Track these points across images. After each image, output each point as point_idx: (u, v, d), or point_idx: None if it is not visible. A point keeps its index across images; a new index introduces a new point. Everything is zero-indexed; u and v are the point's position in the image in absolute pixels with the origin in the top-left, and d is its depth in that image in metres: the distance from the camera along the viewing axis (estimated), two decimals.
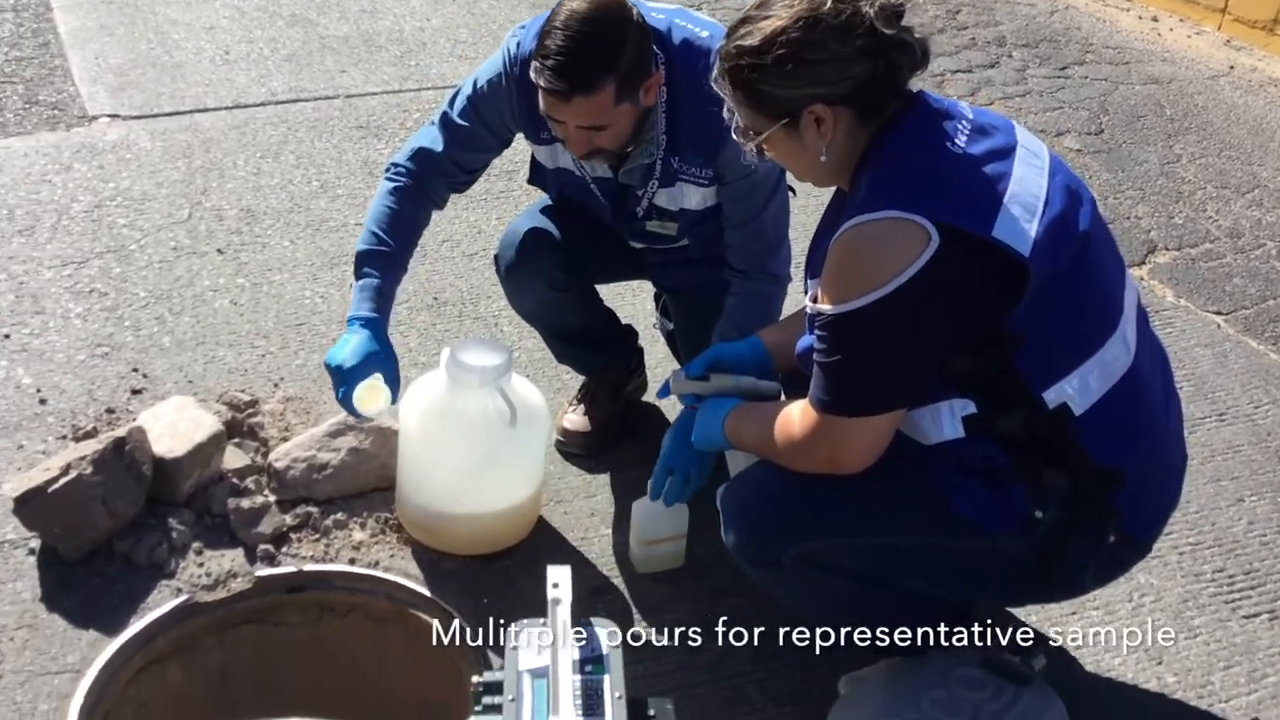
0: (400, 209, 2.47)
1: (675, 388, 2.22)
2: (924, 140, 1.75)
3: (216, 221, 3.68)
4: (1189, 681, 2.29)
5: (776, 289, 2.47)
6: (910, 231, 1.66)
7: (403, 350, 3.13)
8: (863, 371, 1.76)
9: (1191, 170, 4.42)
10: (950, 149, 1.74)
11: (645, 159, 2.35)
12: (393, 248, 2.45)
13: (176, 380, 2.96)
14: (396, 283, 2.47)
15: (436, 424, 2.36)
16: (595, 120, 2.18)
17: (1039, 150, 1.84)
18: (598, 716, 1.66)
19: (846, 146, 1.80)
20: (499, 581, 2.44)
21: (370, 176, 4.02)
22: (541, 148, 2.48)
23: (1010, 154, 1.78)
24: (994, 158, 1.75)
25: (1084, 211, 1.81)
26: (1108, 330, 1.81)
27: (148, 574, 2.40)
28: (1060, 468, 1.79)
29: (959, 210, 1.68)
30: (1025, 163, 1.78)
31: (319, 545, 2.50)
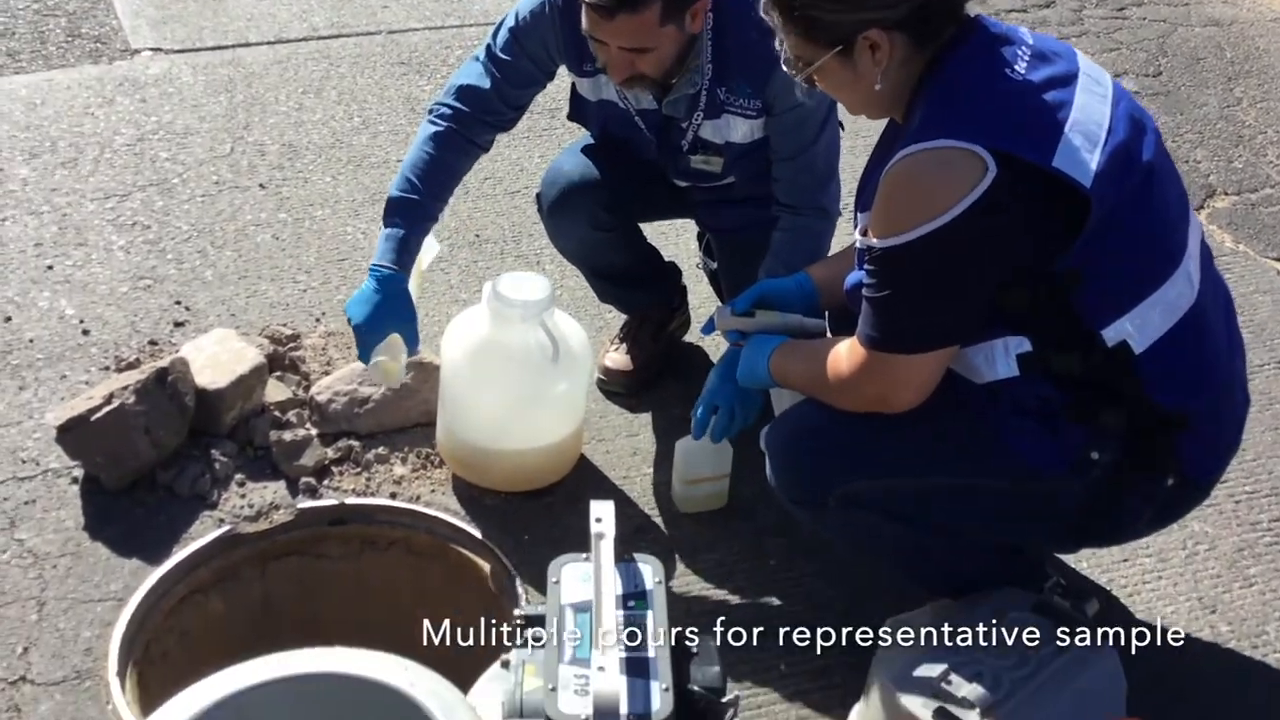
0: (438, 156, 2.39)
1: (720, 324, 2.18)
2: (981, 66, 1.69)
3: (258, 156, 3.66)
4: (1243, 631, 2.24)
5: (826, 225, 2.41)
6: (966, 161, 1.60)
7: (443, 287, 3.12)
8: (914, 307, 1.71)
9: (1252, 114, 4.29)
10: (1009, 75, 1.67)
11: (690, 89, 2.29)
12: (423, 196, 2.36)
13: (219, 313, 2.95)
14: (424, 234, 2.39)
15: (479, 359, 2.33)
16: (639, 41, 2.12)
17: (1101, 77, 1.77)
18: (640, 651, 1.64)
19: (901, 75, 1.73)
20: (541, 518, 2.42)
21: (412, 113, 3.97)
22: (584, 80, 2.43)
23: (1072, 81, 1.71)
24: (1055, 85, 1.69)
25: (1148, 141, 1.74)
26: (1170, 266, 1.74)
27: (190, 505, 2.40)
28: (1118, 408, 1.74)
29: (1018, 139, 1.61)
30: (1087, 90, 1.71)
31: (360, 479, 2.49)
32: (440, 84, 4.17)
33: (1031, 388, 1.76)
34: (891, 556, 2.01)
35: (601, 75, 2.35)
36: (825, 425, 1.87)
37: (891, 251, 1.67)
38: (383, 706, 1.60)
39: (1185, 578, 2.35)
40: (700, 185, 2.53)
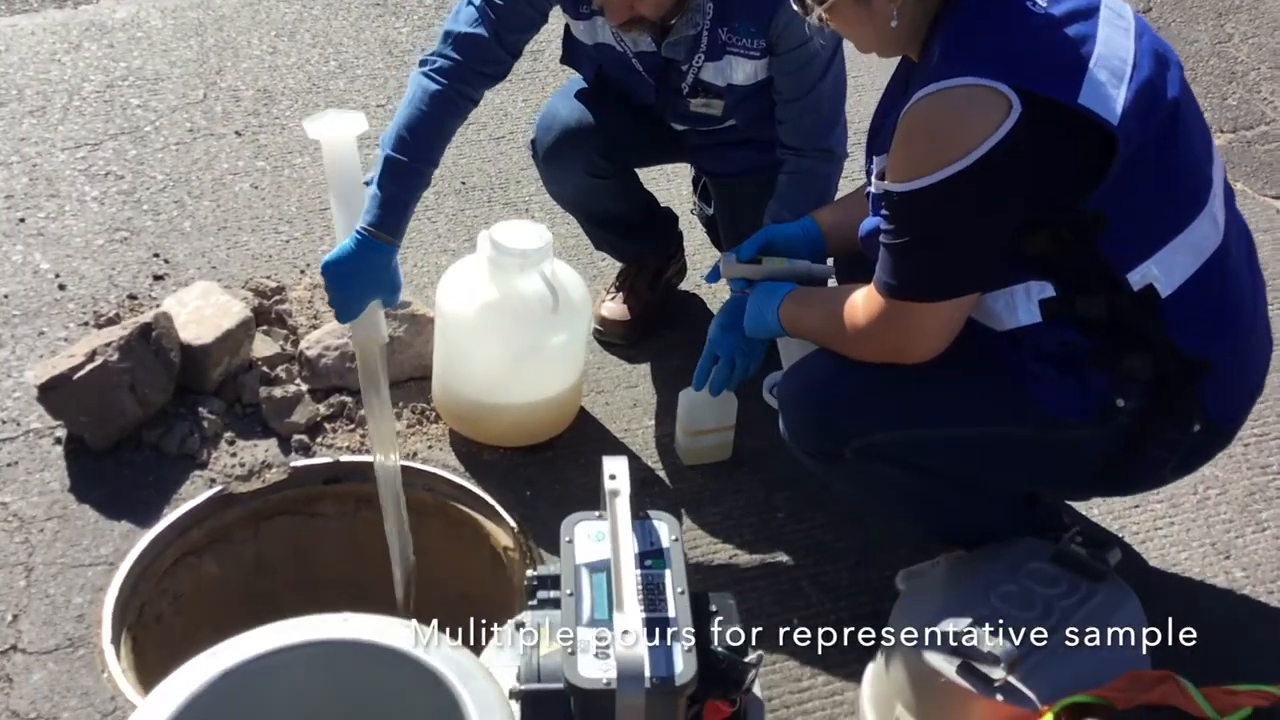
0: (433, 114, 2.22)
1: (725, 271, 2.11)
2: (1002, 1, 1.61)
3: (233, 102, 3.54)
4: (1258, 577, 2.22)
5: (832, 167, 2.34)
6: (989, 99, 1.53)
7: (431, 236, 3.03)
8: (934, 253, 1.65)
9: (1244, 50, 4.23)
10: (1031, 8, 1.60)
11: (690, 30, 2.20)
12: (414, 159, 2.20)
13: (199, 266, 2.86)
14: (416, 198, 2.22)
15: (476, 310, 2.26)
16: None
17: (1123, 10, 1.70)
18: (660, 611, 1.59)
19: (917, 10, 1.66)
20: (542, 473, 2.36)
21: (390, 56, 3.86)
22: (580, 22, 2.33)
23: (1094, 14, 1.64)
24: (1077, 18, 1.62)
25: (1172, 77, 1.68)
26: (1197, 207, 1.69)
27: (179, 464, 2.33)
28: (1144, 354, 1.69)
29: (1042, 76, 1.55)
30: (1110, 24, 1.64)
31: (354, 436, 2.42)
32: (417, 25, 4.06)
33: (1055, 333, 1.70)
34: (908, 508, 1.97)
35: (598, 18, 2.26)
36: (842, 376, 1.81)
37: (912, 195, 1.60)
38: (396, 672, 1.54)
39: (1197, 523, 2.32)
40: (699, 129, 2.45)
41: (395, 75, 3.75)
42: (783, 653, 2.04)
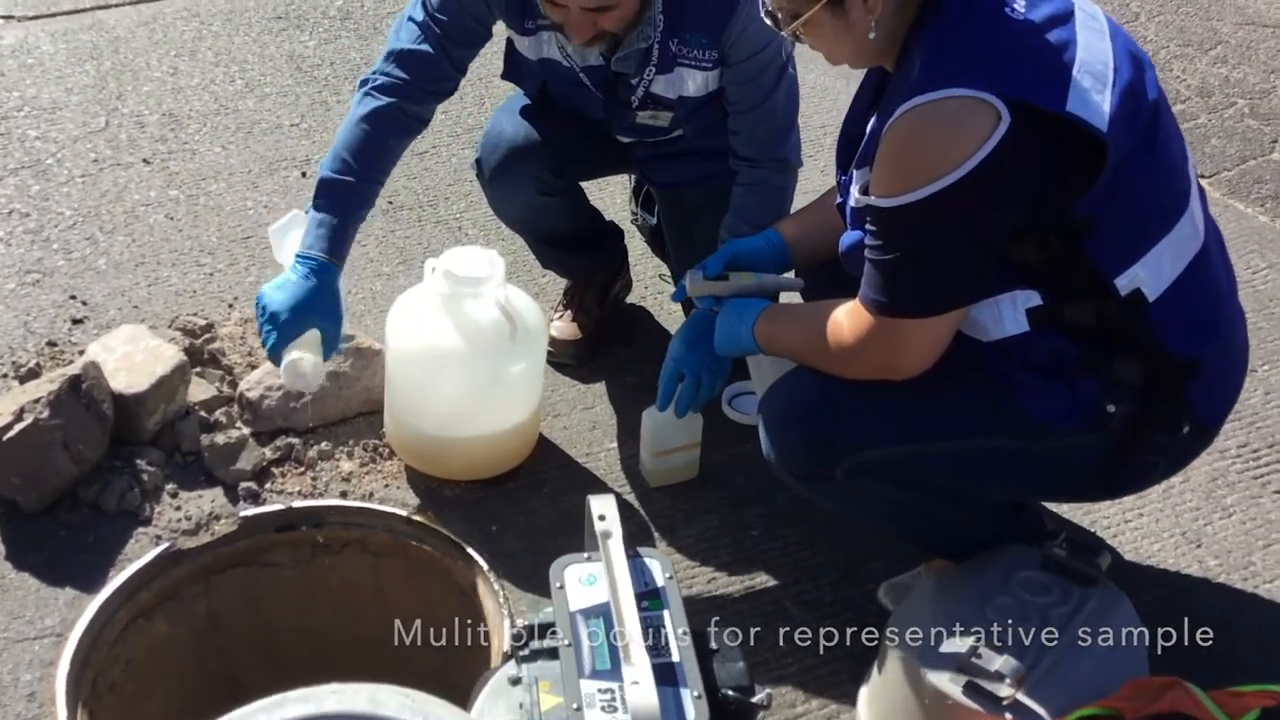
0: (376, 134, 2.14)
1: (692, 289, 2.05)
2: (983, 7, 1.57)
3: (138, 129, 3.39)
4: (1230, 564, 2.23)
5: (788, 178, 2.29)
6: (978, 110, 1.50)
7: (362, 261, 2.93)
8: (925, 268, 1.61)
9: (1152, 29, 4.29)
10: (1011, 16, 1.57)
11: (641, 43, 2.13)
12: (359, 179, 2.12)
13: (120, 306, 2.72)
14: (358, 220, 2.15)
15: (430, 344, 2.17)
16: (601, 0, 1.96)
17: (1095, 12, 1.68)
18: (664, 657, 1.53)
19: (894, 20, 1.61)
20: (506, 506, 2.28)
21: (298, 72, 3.73)
22: (525, 38, 2.25)
23: (1070, 18, 1.61)
24: (1056, 23, 1.59)
25: (1149, 79, 1.66)
26: (1179, 210, 1.67)
27: (120, 522, 2.21)
28: (1133, 359, 1.67)
29: (1030, 84, 1.51)
30: (1087, 27, 1.62)
31: (305, 479, 2.31)
32: (324, 38, 3.94)
33: (1043, 342, 1.68)
34: (899, 524, 1.93)
35: (544, 33, 2.19)
36: (829, 395, 1.76)
37: (901, 211, 1.56)
38: None
39: (1165, 513, 2.32)
40: (645, 140, 2.39)
41: (305, 91, 3.63)
42: (773, 677, 1.99)
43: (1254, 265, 3.08)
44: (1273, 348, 2.78)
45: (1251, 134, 3.68)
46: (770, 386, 1.86)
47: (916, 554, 2.12)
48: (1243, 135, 3.67)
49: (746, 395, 2.51)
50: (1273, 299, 2.96)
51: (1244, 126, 3.72)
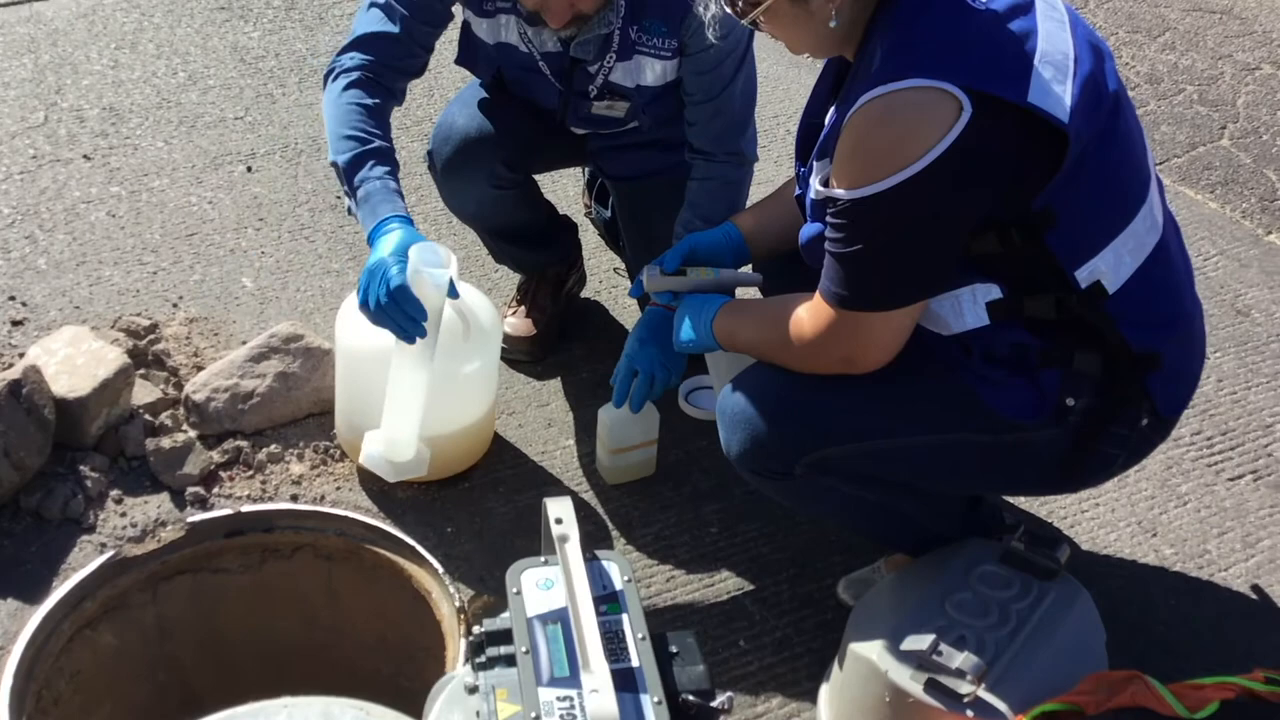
0: (368, 100, 2.07)
1: (649, 285, 2.03)
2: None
3: (78, 124, 3.31)
4: (1186, 552, 2.23)
5: (743, 172, 2.27)
6: (940, 101, 1.48)
7: (311, 258, 2.88)
8: (887, 261, 1.59)
9: (1100, 16, 4.31)
10: (972, 6, 1.55)
11: (602, 29, 2.10)
12: (381, 138, 2.05)
13: (61, 307, 2.65)
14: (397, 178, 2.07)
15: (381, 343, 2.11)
16: None
17: (1054, 1, 1.67)
18: (623, 662, 1.50)
19: (856, 9, 1.59)
20: (461, 507, 2.25)
21: (242, 64, 3.67)
22: (483, 20, 2.20)
23: (1031, 8, 1.59)
24: (1017, 13, 1.57)
25: (1109, 69, 1.65)
26: (1139, 201, 1.66)
27: (64, 530, 2.15)
28: (1094, 351, 1.66)
29: (991, 75, 1.49)
30: (1047, 17, 1.60)
31: (254, 483, 2.27)
32: (268, 29, 3.87)
33: (1003, 335, 1.67)
34: (860, 520, 1.91)
35: (502, 15, 2.15)
36: (789, 391, 1.74)
37: (863, 203, 1.54)
38: None
39: (1121, 502, 2.33)
40: (600, 132, 2.35)
41: (250, 84, 3.56)
42: (734, 677, 1.97)
43: (1204, 252, 3.10)
44: (1224, 335, 2.80)
45: (1200, 120, 3.71)
46: (728, 385, 1.84)
47: (875, 548, 2.11)
48: (1192, 122, 3.69)
49: (704, 390, 2.49)
50: (1224, 286, 2.98)
51: (1193, 113, 3.74)
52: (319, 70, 3.65)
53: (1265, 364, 2.73)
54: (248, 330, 2.61)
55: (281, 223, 2.99)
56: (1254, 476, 2.41)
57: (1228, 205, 3.33)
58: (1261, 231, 3.23)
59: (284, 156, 3.24)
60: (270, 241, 2.92)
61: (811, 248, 1.69)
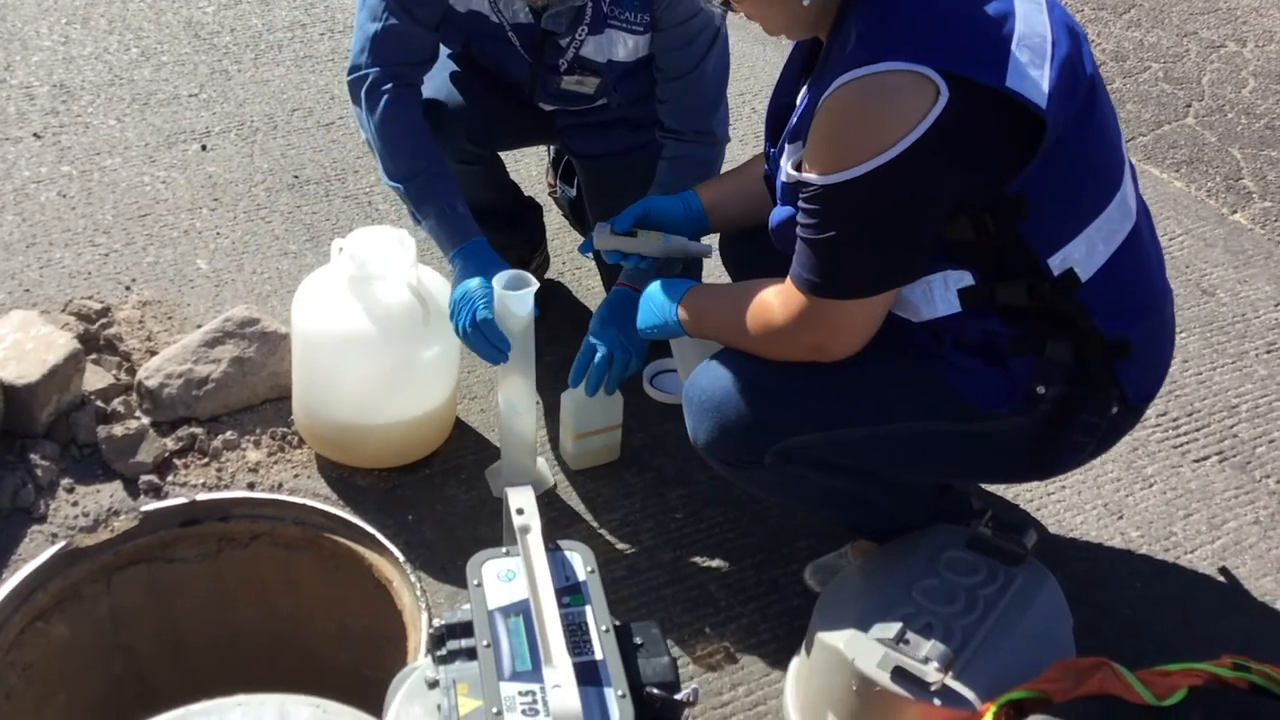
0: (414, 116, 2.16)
1: (598, 242, 2.00)
2: None
3: (27, 101, 3.23)
4: (1152, 534, 2.23)
5: (714, 151, 2.23)
6: (916, 85, 1.44)
7: (268, 239, 2.83)
8: (861, 248, 1.55)
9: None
10: None
11: (576, 1, 2.06)
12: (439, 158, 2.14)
13: (9, 290, 2.59)
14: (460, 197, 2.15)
15: (339, 330, 2.08)
16: None
17: None
18: (586, 655, 1.48)
19: None
20: (422, 494, 2.21)
21: (196, 39, 3.59)
22: None
23: None
24: None
25: (1085, 53, 1.62)
26: (1113, 188, 1.64)
27: (14, 520, 2.10)
28: (1064, 339, 1.64)
29: (969, 59, 1.46)
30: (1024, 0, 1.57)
31: (209, 470, 2.22)
32: (222, 4, 3.79)
33: (975, 322, 1.64)
34: (826, 508, 1.89)
35: None
36: (758, 378, 1.71)
37: (837, 188, 1.50)
38: None
39: (1087, 484, 2.32)
40: (569, 109, 2.31)
41: (205, 60, 3.49)
42: (699, 665, 1.95)
43: (1170, 231, 3.09)
44: (1190, 315, 2.79)
45: (1166, 99, 3.70)
46: (695, 371, 1.81)
47: (841, 533, 2.09)
48: (1157, 100, 3.68)
49: (668, 373, 2.46)
50: (1189, 266, 2.98)
51: (1158, 91, 3.73)
52: (276, 45, 3.59)
53: (1230, 344, 2.73)
54: (202, 313, 2.56)
55: (237, 203, 2.93)
56: (1219, 458, 2.41)
57: (1193, 184, 3.33)
58: (1226, 211, 3.23)
59: (239, 135, 3.18)
60: (226, 222, 2.86)
61: (782, 232, 1.66)
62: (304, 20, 3.75)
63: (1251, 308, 2.85)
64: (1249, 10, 4.31)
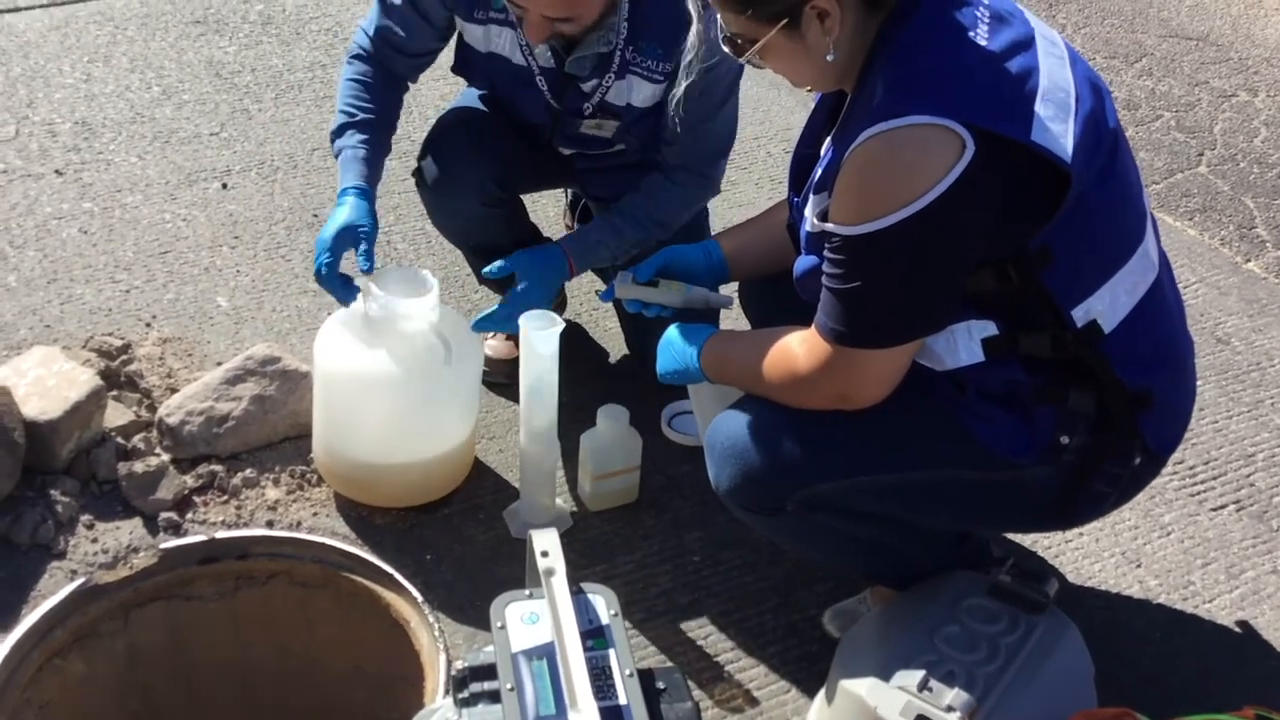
0: (367, 80, 2.22)
1: (620, 291, 2.02)
2: (944, 31, 1.53)
3: (49, 138, 3.26)
4: (1170, 583, 2.23)
5: (707, 195, 2.27)
6: (943, 139, 1.46)
7: (287, 277, 2.84)
8: (886, 298, 1.56)
9: (1078, 41, 4.33)
10: (974, 41, 1.53)
11: (602, 48, 2.09)
12: (373, 112, 2.19)
13: (31, 325, 2.60)
14: (382, 149, 2.21)
15: (362, 370, 2.08)
16: (566, 11, 1.92)
17: (1055, 38, 1.66)
18: (610, 699, 1.47)
19: (854, 42, 1.57)
20: (441, 534, 2.21)
21: (218, 79, 3.62)
22: (475, 27, 2.19)
23: (1032, 44, 1.58)
24: (1019, 50, 1.55)
25: (1109, 107, 1.64)
26: (1136, 240, 1.65)
27: (34, 556, 2.10)
28: (1087, 390, 1.64)
29: (995, 113, 1.48)
30: (1048, 54, 1.59)
31: (229, 508, 2.22)
32: (244, 44, 3.84)
33: (998, 372, 1.65)
34: (847, 556, 1.89)
35: (493, 26, 2.14)
36: (781, 426, 1.72)
37: (863, 240, 1.51)
38: None
39: (1105, 532, 2.32)
40: (587, 152, 2.33)
41: (225, 99, 3.52)
42: (718, 711, 1.94)
43: (1183, 279, 3.11)
44: (1205, 363, 2.80)
45: (1178, 147, 3.72)
46: (717, 418, 1.81)
47: (860, 578, 2.09)
48: (1170, 148, 3.71)
49: (686, 415, 2.46)
50: (1203, 314, 2.99)
51: (1170, 139, 3.76)
52: (296, 85, 3.63)
53: (1245, 392, 2.73)
54: (222, 350, 2.57)
55: (257, 241, 2.95)
56: (1236, 506, 2.41)
57: (1206, 232, 3.34)
58: (1240, 259, 3.25)
59: (260, 173, 3.21)
60: (246, 260, 2.88)
61: (806, 282, 1.67)
62: (324, 60, 3.78)
63: (1266, 356, 2.86)
64: (1260, 60, 4.34)
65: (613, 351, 2.72)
